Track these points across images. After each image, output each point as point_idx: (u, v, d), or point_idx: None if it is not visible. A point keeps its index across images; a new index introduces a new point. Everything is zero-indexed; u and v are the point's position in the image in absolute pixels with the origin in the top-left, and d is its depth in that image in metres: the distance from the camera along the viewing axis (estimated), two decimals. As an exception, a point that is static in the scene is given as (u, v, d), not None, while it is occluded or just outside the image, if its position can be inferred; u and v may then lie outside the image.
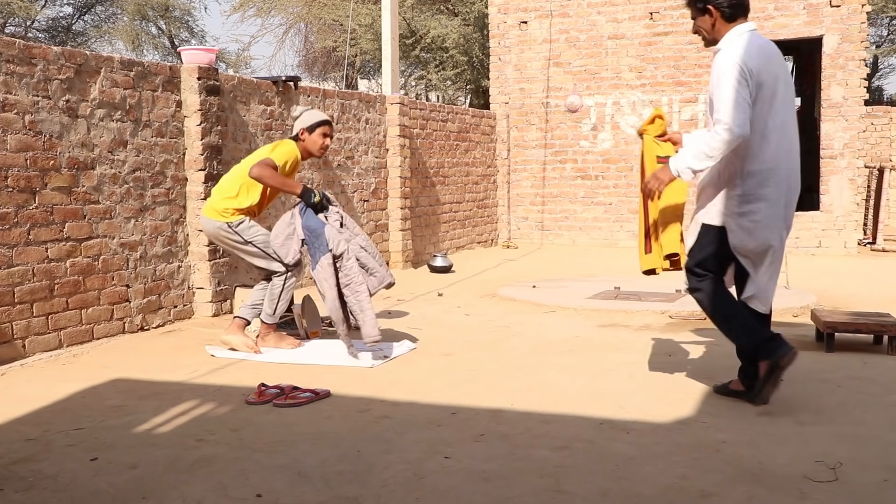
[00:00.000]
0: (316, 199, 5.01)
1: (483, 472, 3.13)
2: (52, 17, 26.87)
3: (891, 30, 26.79)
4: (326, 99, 8.19)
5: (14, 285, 4.94)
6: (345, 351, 5.17)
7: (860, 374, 4.61)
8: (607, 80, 11.50)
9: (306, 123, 5.21)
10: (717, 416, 3.82)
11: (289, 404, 4.01)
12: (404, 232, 9.34)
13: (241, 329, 5.19)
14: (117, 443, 3.49)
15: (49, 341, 5.16)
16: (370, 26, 18.39)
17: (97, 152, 5.51)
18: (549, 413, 3.90)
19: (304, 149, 5.24)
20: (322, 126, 5.22)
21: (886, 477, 3.06)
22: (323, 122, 5.23)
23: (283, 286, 5.16)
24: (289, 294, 5.21)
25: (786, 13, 10.70)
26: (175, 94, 6.14)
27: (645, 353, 5.17)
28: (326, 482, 3.04)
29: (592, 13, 11.53)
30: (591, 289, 7.51)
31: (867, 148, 13.14)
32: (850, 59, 10.52)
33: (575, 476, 3.09)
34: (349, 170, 8.56)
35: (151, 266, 5.94)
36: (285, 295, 5.20)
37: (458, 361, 4.98)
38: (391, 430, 3.65)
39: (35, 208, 5.08)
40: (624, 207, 11.49)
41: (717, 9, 3.87)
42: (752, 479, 3.05)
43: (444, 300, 7.29)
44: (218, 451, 3.38)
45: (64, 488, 3.00)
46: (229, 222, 5.11)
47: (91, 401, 4.14)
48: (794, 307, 6.48)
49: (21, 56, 4.99)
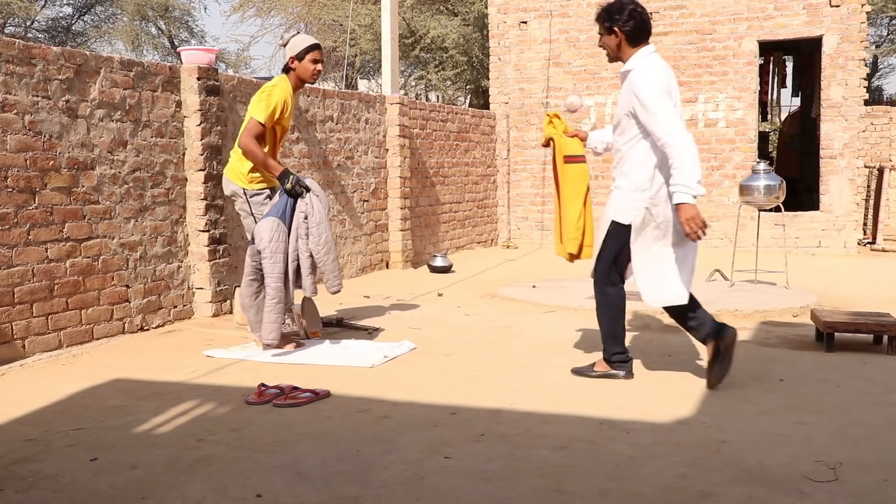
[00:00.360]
0: (287, 186, 5.02)
1: (483, 472, 3.13)
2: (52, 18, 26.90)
3: (891, 30, 26.80)
4: (326, 99, 8.19)
5: (14, 285, 4.93)
6: (345, 351, 5.19)
7: (860, 374, 4.61)
8: (607, 80, 11.50)
9: (296, 51, 5.15)
10: (717, 416, 3.82)
11: (289, 404, 4.01)
12: (404, 232, 9.34)
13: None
14: (117, 443, 3.49)
15: (49, 341, 5.16)
16: (370, 26, 18.39)
17: (97, 152, 5.50)
18: (549, 413, 3.90)
19: (297, 77, 5.20)
20: (312, 51, 5.16)
21: (886, 477, 3.06)
22: (312, 48, 5.17)
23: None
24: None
25: (786, 13, 10.71)
26: (175, 94, 6.14)
27: (645, 353, 5.17)
28: (326, 482, 3.04)
29: (592, 13, 11.49)
30: (591, 289, 7.50)
31: (867, 148, 13.15)
32: (849, 59, 10.53)
33: (575, 476, 3.09)
34: (349, 170, 8.56)
35: (151, 266, 5.94)
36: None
37: (458, 361, 4.98)
38: (391, 430, 3.65)
39: (35, 208, 5.07)
40: (624, 207, 11.48)
41: (622, 31, 4.25)
42: (752, 479, 3.05)
43: (444, 300, 7.29)
44: (218, 451, 3.38)
45: (64, 488, 3.00)
46: (245, 189, 5.18)
47: (91, 401, 4.14)
48: (794, 307, 6.48)
49: (21, 56, 4.98)
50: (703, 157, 11.13)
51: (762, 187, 7.59)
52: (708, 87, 11.07)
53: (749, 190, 7.68)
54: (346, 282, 8.31)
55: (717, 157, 11.09)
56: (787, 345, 5.41)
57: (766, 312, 6.36)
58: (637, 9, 4.28)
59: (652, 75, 4.17)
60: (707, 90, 11.07)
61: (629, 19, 4.24)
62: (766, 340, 5.53)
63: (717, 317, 6.28)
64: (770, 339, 5.56)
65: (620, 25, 4.25)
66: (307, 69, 5.19)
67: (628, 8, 4.25)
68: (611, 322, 4.54)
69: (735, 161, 11.00)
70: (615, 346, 4.54)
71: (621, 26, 4.25)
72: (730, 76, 10.97)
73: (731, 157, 11.04)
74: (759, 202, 7.70)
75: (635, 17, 4.25)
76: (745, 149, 10.97)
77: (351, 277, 8.55)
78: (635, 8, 4.27)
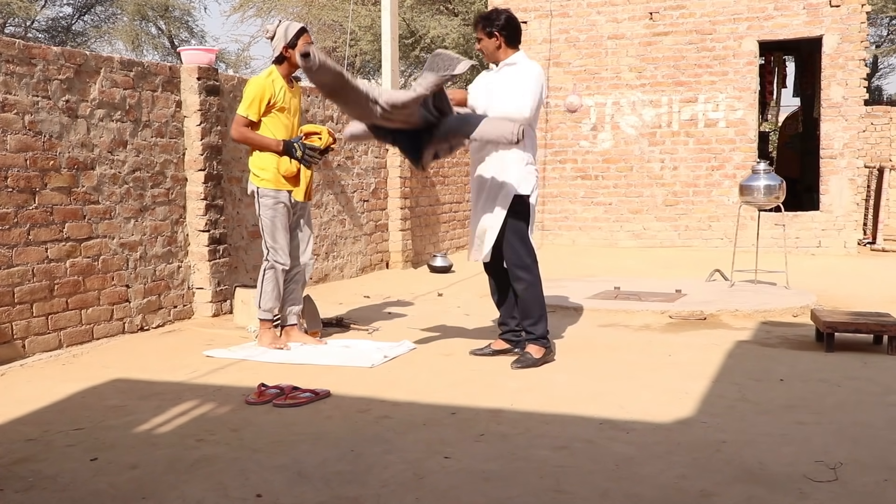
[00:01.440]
0: (298, 154, 5.14)
1: (483, 472, 3.13)
2: (52, 18, 26.89)
3: (891, 30, 26.79)
4: (326, 99, 8.18)
5: (14, 285, 4.93)
6: (345, 351, 5.19)
7: (860, 374, 4.61)
8: (607, 80, 11.50)
9: (287, 38, 5.15)
10: (717, 416, 3.82)
11: (289, 404, 4.01)
12: (404, 232, 9.34)
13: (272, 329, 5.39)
14: (117, 443, 3.49)
15: (49, 341, 5.16)
16: (370, 27, 18.40)
17: (97, 152, 5.51)
18: (549, 413, 3.90)
19: (292, 65, 5.21)
20: (302, 35, 5.17)
21: (886, 477, 3.06)
22: (301, 31, 5.18)
23: (263, 275, 5.24)
24: (271, 287, 5.22)
25: (786, 13, 10.70)
26: (175, 94, 6.14)
27: (645, 353, 5.17)
28: (326, 482, 3.04)
29: (592, 13, 11.53)
30: (591, 289, 7.51)
31: (867, 148, 13.14)
32: (849, 58, 10.52)
33: (575, 476, 3.09)
34: (349, 170, 8.56)
35: (151, 266, 5.94)
36: (267, 286, 5.22)
37: (458, 361, 4.98)
38: (391, 430, 3.65)
39: (35, 208, 5.07)
40: (624, 207, 11.49)
41: (500, 35, 4.90)
42: (752, 479, 3.05)
43: (444, 300, 7.29)
44: (218, 451, 3.38)
45: (64, 488, 3.00)
46: (258, 187, 5.20)
47: (91, 401, 4.14)
48: (794, 307, 6.48)
49: (21, 56, 4.98)
50: (703, 157, 11.16)
51: (762, 187, 7.59)
52: (708, 87, 11.06)
53: (749, 190, 7.68)
54: (346, 282, 8.32)
55: (717, 157, 11.09)
56: (787, 345, 5.41)
57: (766, 312, 6.36)
58: (512, 15, 4.97)
59: (537, 70, 4.92)
60: (707, 90, 11.07)
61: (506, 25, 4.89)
62: (766, 340, 5.53)
63: (718, 316, 6.29)
64: (770, 339, 5.56)
65: (500, 31, 4.88)
66: None
67: (504, 15, 4.91)
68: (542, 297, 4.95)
69: (735, 161, 11.00)
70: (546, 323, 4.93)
71: (500, 31, 4.88)
72: (730, 76, 10.97)
73: (731, 157, 11.04)
74: (759, 202, 7.71)
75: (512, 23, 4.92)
76: (745, 149, 10.97)
77: (351, 277, 8.56)
78: (511, 15, 4.95)
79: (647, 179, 11.37)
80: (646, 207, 11.40)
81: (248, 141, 5.18)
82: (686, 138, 11.22)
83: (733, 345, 5.34)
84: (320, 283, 8.02)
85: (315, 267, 7.97)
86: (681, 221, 11.26)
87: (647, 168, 11.38)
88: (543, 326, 4.87)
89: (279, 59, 5.20)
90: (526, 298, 4.85)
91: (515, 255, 4.86)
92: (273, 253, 5.19)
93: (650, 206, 11.37)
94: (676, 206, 11.27)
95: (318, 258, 8.04)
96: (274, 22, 5.39)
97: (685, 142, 11.23)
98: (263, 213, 5.18)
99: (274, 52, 5.21)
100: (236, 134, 5.18)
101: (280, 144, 5.12)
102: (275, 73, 5.18)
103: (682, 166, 11.24)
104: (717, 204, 11.07)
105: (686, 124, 11.19)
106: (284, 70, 5.21)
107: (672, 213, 11.28)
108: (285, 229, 5.21)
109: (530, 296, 4.85)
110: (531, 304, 4.86)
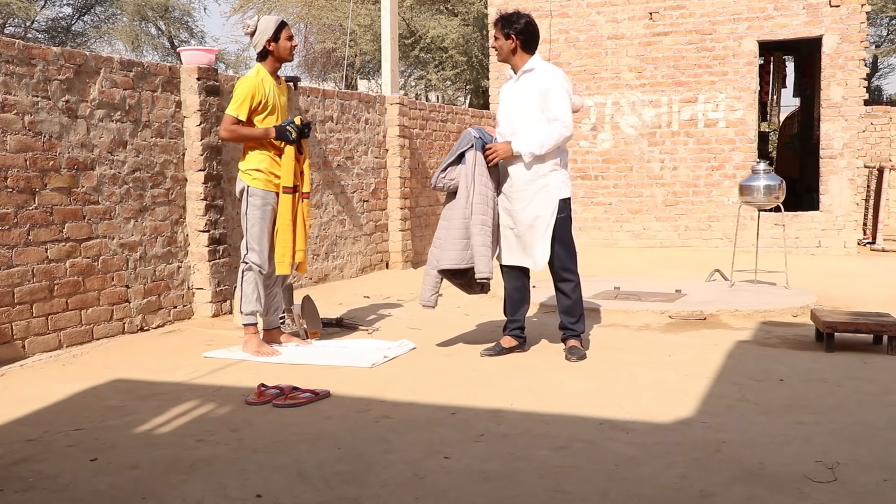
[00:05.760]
0: (294, 136, 5.07)
1: (483, 472, 3.13)
2: (52, 18, 26.90)
3: (890, 30, 26.80)
4: (326, 99, 8.19)
5: (14, 286, 4.93)
6: (345, 351, 5.19)
7: (860, 374, 4.61)
8: (607, 80, 11.50)
9: (269, 33, 5.10)
10: (717, 416, 3.82)
11: (289, 404, 4.01)
12: (404, 232, 9.34)
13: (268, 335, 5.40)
14: (117, 443, 3.49)
15: (49, 342, 5.16)
16: (369, 27, 18.40)
17: (97, 153, 5.51)
18: (549, 413, 3.90)
19: (277, 58, 5.17)
20: (283, 28, 5.15)
21: (886, 477, 3.06)
22: (282, 25, 5.15)
23: (241, 277, 5.17)
24: (251, 289, 5.13)
25: (785, 13, 10.70)
26: (175, 94, 6.14)
27: (645, 353, 5.17)
28: (326, 482, 3.04)
29: (592, 13, 11.53)
30: (591, 289, 7.51)
31: (867, 148, 13.14)
32: (849, 59, 10.52)
33: (575, 476, 3.09)
34: (349, 170, 8.56)
35: (151, 266, 5.94)
36: (247, 289, 5.13)
37: (458, 361, 4.98)
38: (391, 430, 3.65)
39: (35, 209, 5.07)
40: (624, 207, 11.49)
41: (517, 38, 4.91)
42: (752, 479, 3.05)
43: (444, 300, 7.28)
44: (218, 451, 3.38)
45: (64, 488, 3.00)
46: (248, 185, 5.12)
47: (91, 401, 4.14)
48: (794, 307, 6.48)
49: (21, 56, 4.98)
50: (702, 157, 11.15)
51: (762, 187, 7.59)
52: (708, 87, 11.06)
53: (749, 190, 7.67)
54: (346, 282, 8.32)
55: (717, 157, 11.09)
56: (787, 345, 5.41)
57: (766, 312, 6.35)
58: (532, 21, 4.99)
59: (561, 74, 4.94)
60: (707, 90, 11.07)
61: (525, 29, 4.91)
62: (766, 340, 5.53)
63: (717, 317, 6.29)
64: (770, 339, 5.56)
65: (518, 34, 4.89)
66: (285, 47, 5.16)
67: (524, 19, 4.92)
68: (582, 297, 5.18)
69: (735, 161, 11.00)
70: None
71: (518, 34, 4.89)
72: (730, 76, 10.97)
73: (731, 157, 11.04)
74: (759, 202, 7.70)
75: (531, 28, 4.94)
76: (745, 149, 10.97)
77: (351, 277, 8.56)
78: (531, 20, 4.97)
79: (647, 179, 11.37)
80: (646, 207, 11.40)
81: (238, 136, 5.07)
82: (686, 138, 11.23)
83: (733, 345, 5.34)
84: (320, 284, 8.03)
85: (315, 267, 7.97)
86: (681, 221, 11.26)
87: (646, 168, 11.38)
88: (584, 323, 5.16)
89: (263, 55, 5.16)
90: (574, 298, 5.04)
91: (565, 257, 4.99)
92: (251, 254, 5.10)
93: (650, 206, 11.37)
94: (676, 206, 11.27)
95: (318, 258, 8.04)
96: (253, 17, 5.35)
97: (685, 142, 11.23)
98: (250, 213, 5.11)
99: (256, 48, 5.14)
100: (225, 133, 5.07)
101: (271, 131, 5.04)
102: (263, 72, 5.12)
103: (682, 166, 11.24)
104: (717, 204, 11.07)
105: (686, 124, 11.19)
106: (270, 66, 5.16)
107: (672, 213, 11.28)
108: (269, 232, 5.16)
109: (578, 295, 5.05)
110: (577, 302, 5.07)
